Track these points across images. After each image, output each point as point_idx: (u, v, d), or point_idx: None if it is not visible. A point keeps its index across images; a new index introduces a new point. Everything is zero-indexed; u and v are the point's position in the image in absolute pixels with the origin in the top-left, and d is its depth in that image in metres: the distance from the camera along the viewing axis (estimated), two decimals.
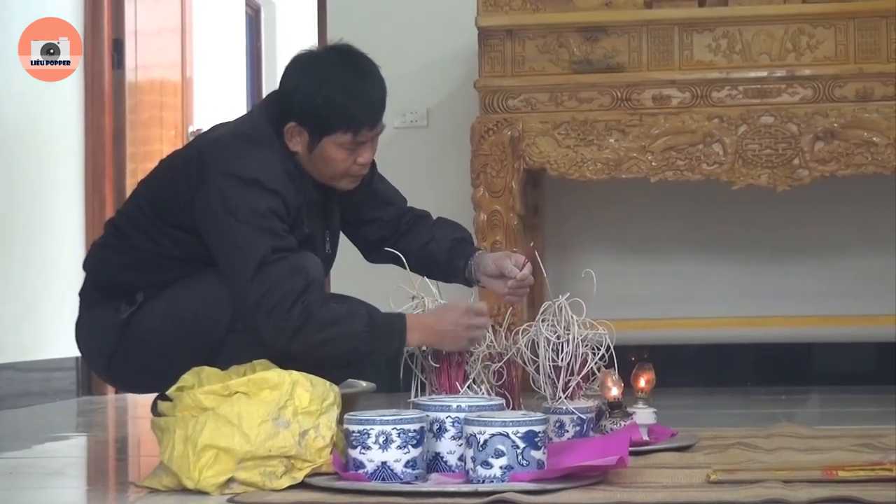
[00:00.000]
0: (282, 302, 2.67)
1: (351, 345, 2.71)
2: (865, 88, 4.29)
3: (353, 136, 2.80)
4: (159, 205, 2.86)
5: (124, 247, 2.91)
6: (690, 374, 4.90)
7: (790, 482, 2.33)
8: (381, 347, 2.72)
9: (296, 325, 2.67)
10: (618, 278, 4.96)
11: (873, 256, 4.96)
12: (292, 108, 2.80)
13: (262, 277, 2.68)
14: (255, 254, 2.69)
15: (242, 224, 2.70)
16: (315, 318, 2.68)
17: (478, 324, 2.77)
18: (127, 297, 2.89)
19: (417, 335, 2.72)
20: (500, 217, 4.33)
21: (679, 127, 4.33)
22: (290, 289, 2.68)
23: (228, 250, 2.73)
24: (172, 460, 2.45)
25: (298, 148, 2.82)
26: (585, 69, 4.38)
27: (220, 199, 2.71)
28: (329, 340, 2.69)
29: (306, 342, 2.68)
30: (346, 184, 2.91)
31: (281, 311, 2.67)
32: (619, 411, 2.92)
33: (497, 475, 2.35)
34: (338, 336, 2.69)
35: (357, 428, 2.41)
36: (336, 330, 2.69)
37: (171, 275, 2.87)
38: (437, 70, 5.15)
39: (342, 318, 2.70)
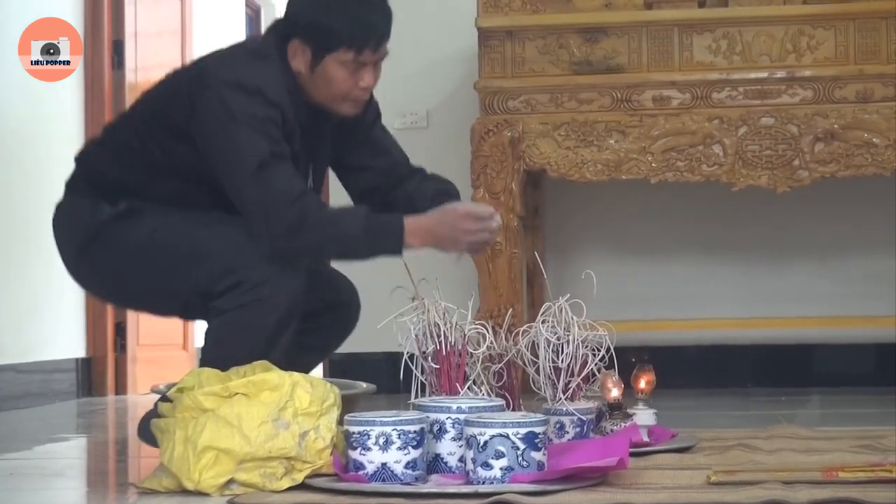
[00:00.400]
0: (280, 201, 2.70)
1: (348, 246, 2.77)
2: (866, 89, 4.29)
3: (355, 54, 2.83)
4: (158, 112, 2.87)
5: (117, 146, 2.91)
6: (691, 375, 4.90)
7: (790, 483, 2.33)
8: (378, 249, 2.78)
9: (293, 223, 2.70)
10: (618, 279, 4.96)
11: (873, 257, 4.96)
12: (296, 25, 2.83)
13: (262, 177, 2.71)
14: (255, 155, 2.72)
15: (242, 126, 2.72)
16: (312, 218, 2.72)
17: (476, 228, 2.80)
18: (110, 198, 2.87)
19: (416, 238, 2.78)
20: (500, 218, 4.32)
21: (679, 128, 4.33)
22: (289, 189, 2.72)
23: (228, 152, 2.75)
24: (172, 461, 2.45)
25: (301, 66, 2.83)
26: (585, 70, 4.38)
27: (221, 103, 2.73)
28: (326, 241, 2.75)
29: (303, 242, 2.73)
30: (346, 108, 2.91)
31: (279, 210, 2.70)
32: (619, 412, 2.92)
33: (497, 476, 2.35)
34: (335, 237, 2.75)
35: (357, 429, 2.41)
36: (333, 231, 2.74)
37: (156, 186, 2.86)
38: (437, 71, 5.15)
39: (339, 219, 2.76)
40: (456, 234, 2.80)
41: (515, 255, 4.35)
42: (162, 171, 2.86)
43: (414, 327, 2.78)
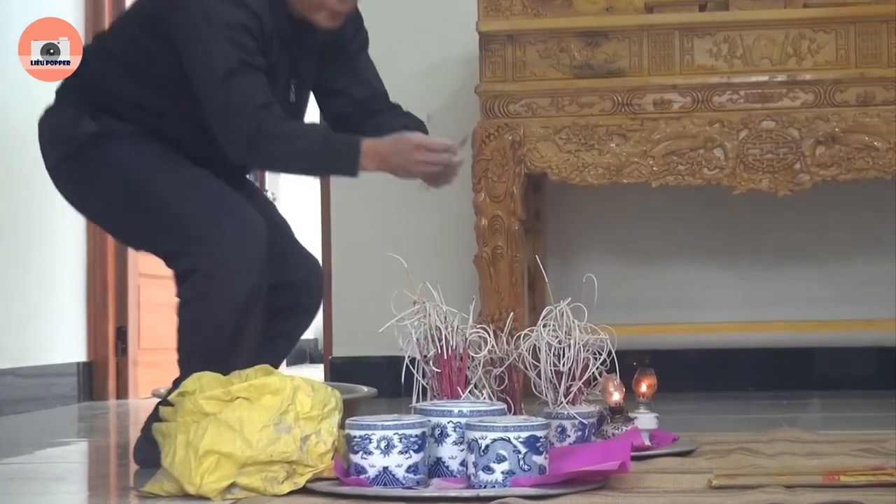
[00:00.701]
0: (242, 111, 2.73)
1: (303, 162, 2.82)
2: (866, 93, 4.29)
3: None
4: (148, 16, 2.88)
5: (108, 53, 2.91)
6: (692, 378, 4.90)
7: (792, 487, 2.33)
8: (333, 168, 2.85)
9: (251, 134, 2.72)
10: (619, 283, 4.96)
11: (874, 261, 4.96)
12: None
13: (228, 84, 2.73)
14: (223, 61, 2.74)
15: (215, 31, 2.74)
16: (269, 131, 2.73)
17: (427, 160, 2.84)
18: (93, 112, 2.88)
19: (371, 161, 2.80)
20: (502, 222, 4.33)
21: (680, 132, 4.33)
22: (252, 100, 2.74)
23: (199, 56, 2.77)
24: (174, 465, 2.45)
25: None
26: (586, 74, 4.38)
27: (199, 6, 2.76)
28: (282, 155, 2.78)
29: (259, 154, 2.75)
30: (323, 18, 2.91)
31: (239, 119, 2.73)
32: (620, 416, 2.92)
33: (499, 480, 2.35)
34: (291, 152, 2.77)
35: (358, 433, 2.41)
36: (290, 146, 2.77)
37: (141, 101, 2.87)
38: (438, 75, 5.16)
39: (297, 135, 2.78)
40: (408, 162, 2.83)
41: (517, 258, 4.35)
42: (148, 83, 2.87)
43: (415, 331, 2.78)
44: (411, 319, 2.81)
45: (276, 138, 2.75)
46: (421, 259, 4.66)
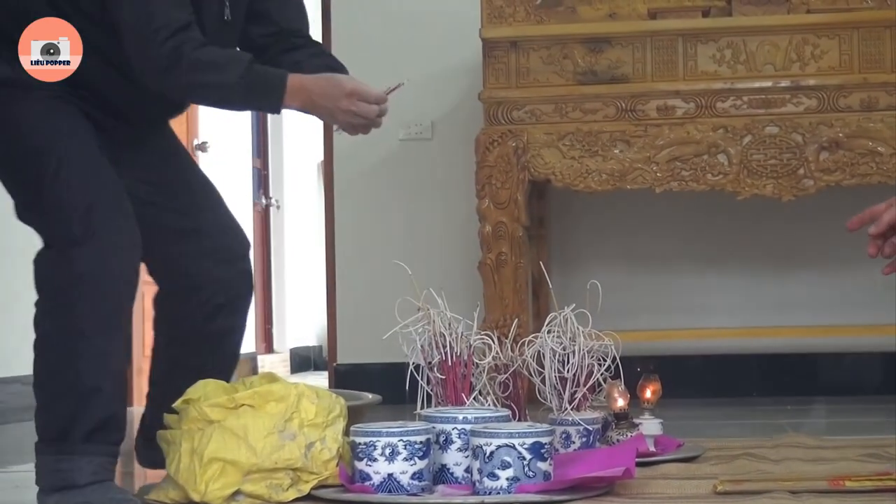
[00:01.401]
0: (157, 32, 2.43)
1: (222, 94, 2.51)
2: (870, 98, 4.29)
3: None
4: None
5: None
6: (696, 384, 4.90)
7: (797, 493, 2.33)
8: (255, 102, 2.59)
9: (165, 63, 2.43)
10: (623, 289, 4.96)
11: (878, 267, 4.94)
12: None
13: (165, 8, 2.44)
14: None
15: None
16: (188, 58, 2.44)
17: (356, 110, 2.60)
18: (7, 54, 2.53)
19: (295, 99, 2.53)
20: (506, 228, 4.33)
21: (684, 137, 4.33)
22: (170, 20, 2.44)
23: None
24: (179, 473, 2.45)
25: None
26: (590, 80, 4.39)
27: None
28: (199, 86, 2.48)
29: (175, 82, 2.46)
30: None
31: (154, 42, 2.43)
32: (625, 422, 2.92)
33: (503, 487, 2.35)
34: (209, 83, 2.48)
35: (363, 440, 2.41)
36: (209, 76, 2.47)
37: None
38: (442, 82, 5.16)
39: (218, 64, 2.49)
40: (335, 109, 2.57)
41: (521, 265, 4.35)
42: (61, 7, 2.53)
43: (420, 338, 2.78)
44: (415, 326, 2.81)
45: (194, 68, 2.44)
46: (425, 266, 4.68)
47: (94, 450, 2.44)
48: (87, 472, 2.41)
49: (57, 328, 2.47)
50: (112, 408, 2.48)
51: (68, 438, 2.43)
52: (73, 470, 2.41)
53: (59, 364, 2.46)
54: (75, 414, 2.43)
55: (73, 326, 2.45)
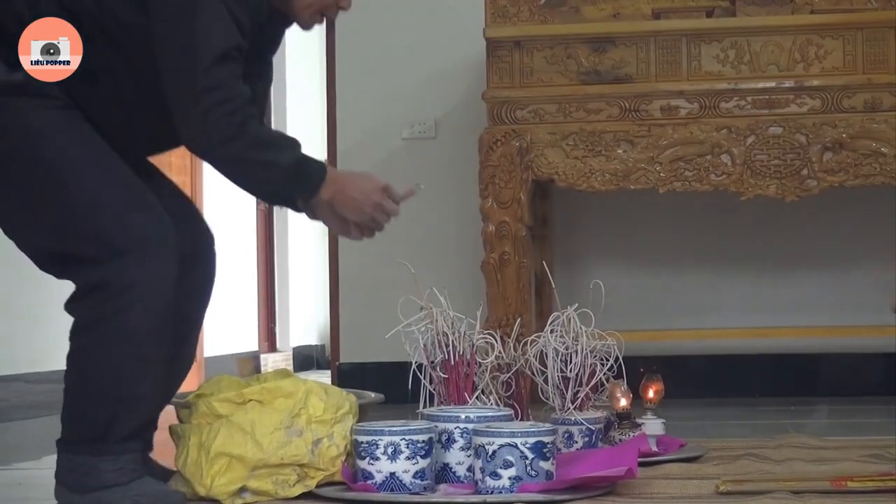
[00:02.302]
0: (227, 102, 2.41)
1: (274, 174, 2.48)
2: (874, 99, 4.29)
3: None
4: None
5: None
6: (699, 384, 4.90)
7: (799, 493, 2.33)
8: (295, 187, 2.53)
9: (231, 132, 2.41)
10: (626, 289, 4.96)
11: (882, 267, 4.96)
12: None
13: (219, 70, 2.41)
14: (220, 42, 2.42)
15: (221, 11, 2.42)
16: (251, 132, 2.44)
17: (387, 207, 2.61)
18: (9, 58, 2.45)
19: (329, 189, 2.53)
20: (509, 228, 4.33)
21: (687, 138, 4.33)
22: (239, 94, 2.43)
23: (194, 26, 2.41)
24: (186, 467, 2.46)
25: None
26: (593, 80, 4.38)
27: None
28: (255, 161, 2.46)
29: (233, 154, 2.43)
30: (314, 21, 2.71)
31: (223, 111, 2.40)
32: (627, 422, 2.92)
33: (506, 486, 2.35)
34: (265, 161, 2.46)
35: (366, 438, 2.41)
36: (266, 154, 2.46)
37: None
38: (446, 81, 5.16)
39: (275, 143, 2.50)
40: (365, 201, 2.56)
41: (524, 264, 4.35)
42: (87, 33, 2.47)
43: (422, 337, 2.78)
44: (418, 325, 2.81)
45: (253, 143, 2.44)
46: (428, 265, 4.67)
47: (131, 447, 2.45)
48: (129, 470, 2.42)
49: (105, 334, 2.41)
50: (152, 413, 2.50)
51: (107, 440, 2.42)
52: (116, 469, 2.41)
53: (105, 370, 2.41)
54: (117, 418, 2.42)
55: (122, 333, 2.41)
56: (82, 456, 2.42)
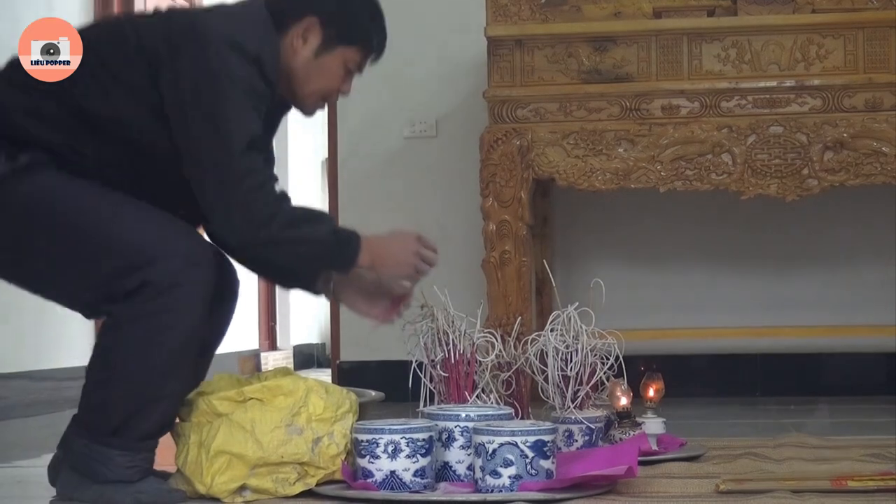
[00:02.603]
0: (264, 187, 2.46)
1: (314, 249, 2.53)
2: (875, 98, 4.29)
3: (362, 57, 2.69)
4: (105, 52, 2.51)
5: (33, 87, 2.50)
6: (699, 383, 4.90)
7: (799, 492, 2.33)
8: (337, 260, 2.58)
9: (271, 211, 2.46)
10: (627, 288, 4.96)
11: (883, 266, 4.96)
12: (321, 5, 2.63)
13: (250, 156, 2.46)
14: (247, 129, 2.47)
15: (241, 95, 2.46)
16: (288, 211, 2.50)
17: (426, 254, 2.65)
18: (9, 151, 2.46)
19: (367, 253, 2.59)
20: (509, 227, 4.33)
21: (688, 137, 4.33)
22: (271, 177, 2.50)
23: (221, 115, 2.45)
24: (186, 465, 2.46)
25: (304, 49, 2.63)
26: (594, 79, 4.38)
27: (222, 62, 2.45)
28: (296, 239, 2.50)
29: (274, 234, 2.46)
30: (316, 108, 2.75)
31: (261, 196, 2.45)
32: (628, 421, 2.92)
33: (506, 484, 2.35)
34: (305, 237, 2.51)
35: (366, 437, 2.41)
36: (305, 230, 2.51)
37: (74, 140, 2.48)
38: (446, 80, 5.16)
39: (312, 218, 2.55)
40: (406, 253, 2.63)
41: (524, 263, 4.35)
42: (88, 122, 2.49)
43: (423, 335, 2.78)
44: (419, 324, 2.81)
45: (292, 221, 2.50)
46: None
47: (148, 446, 2.49)
48: (141, 469, 2.46)
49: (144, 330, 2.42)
50: (172, 414, 2.51)
51: (127, 435, 2.45)
52: (130, 466, 2.44)
53: (138, 365, 2.43)
54: (142, 415, 2.45)
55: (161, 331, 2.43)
56: (101, 446, 2.44)
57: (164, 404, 2.47)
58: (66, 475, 2.49)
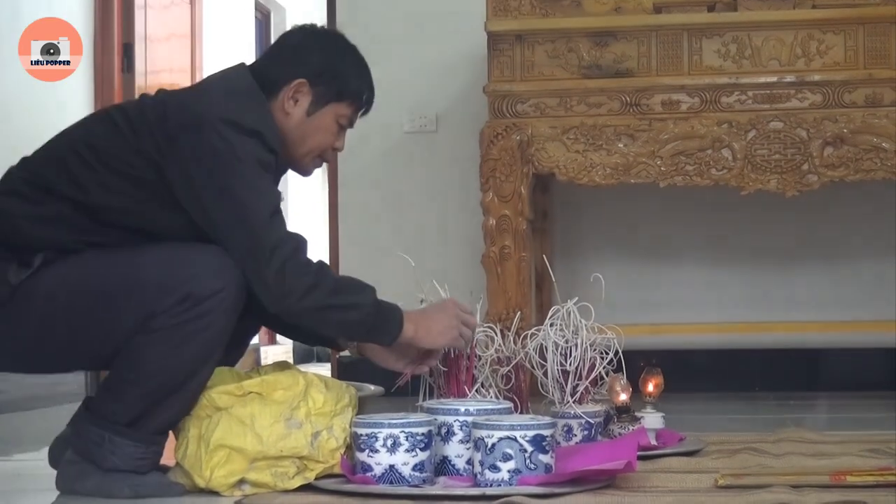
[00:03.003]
0: (297, 253, 2.48)
1: (357, 318, 2.54)
2: (875, 94, 4.29)
3: (353, 112, 2.72)
4: (103, 150, 2.52)
5: (40, 194, 2.52)
6: (699, 378, 4.90)
7: (798, 487, 2.33)
8: (380, 330, 2.59)
9: (313, 280, 2.47)
10: (626, 283, 4.96)
11: (882, 262, 4.96)
12: (308, 66, 2.66)
13: (275, 227, 2.48)
14: (266, 201, 2.49)
15: (252, 169, 2.49)
16: (329, 279, 2.51)
17: (467, 319, 2.68)
18: (22, 258, 2.49)
19: (410, 323, 2.61)
20: (509, 222, 4.33)
21: (688, 132, 4.32)
22: (302, 241, 2.51)
23: (238, 191, 2.46)
24: (185, 459, 2.46)
25: (295, 110, 2.66)
26: (595, 74, 4.38)
27: (224, 141, 2.46)
28: (338, 307, 2.51)
29: (318, 303, 2.48)
30: (312, 167, 2.78)
31: (297, 263, 2.47)
32: (627, 416, 2.92)
33: (505, 479, 2.35)
34: (347, 305, 2.52)
35: (365, 431, 2.41)
36: (348, 298, 2.53)
37: (87, 235, 2.52)
38: (447, 74, 5.16)
39: (353, 288, 2.57)
40: (448, 326, 2.64)
41: (524, 258, 4.35)
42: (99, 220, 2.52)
43: None
44: None
45: (335, 289, 2.51)
46: (428, 258, 4.68)
47: (160, 440, 2.52)
48: (151, 461, 2.49)
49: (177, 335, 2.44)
50: (189, 410, 2.51)
51: (141, 429, 2.47)
52: (140, 458, 2.47)
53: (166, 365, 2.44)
54: (161, 409, 2.47)
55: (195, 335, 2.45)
56: (115, 435, 2.46)
57: (183, 401, 2.48)
58: (70, 459, 2.50)
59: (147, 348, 2.44)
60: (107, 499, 2.44)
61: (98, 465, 2.46)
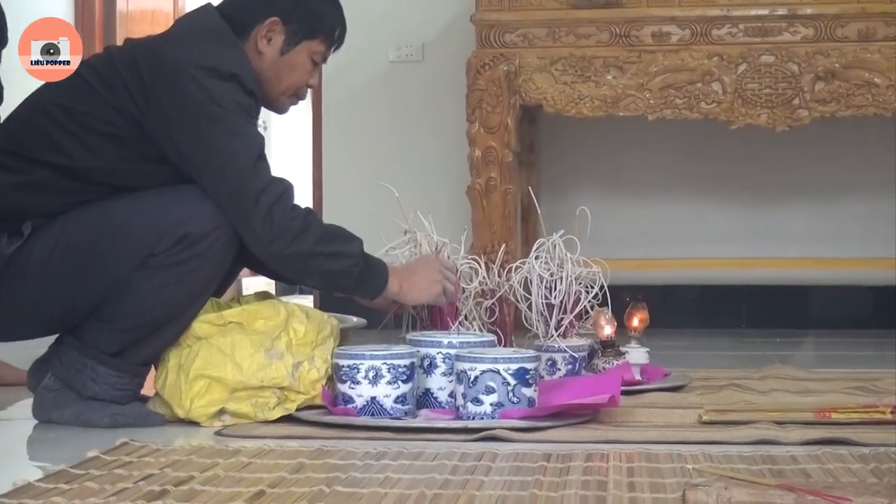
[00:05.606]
0: (283, 197, 2.45)
1: (344, 267, 2.52)
2: (868, 28, 4.24)
3: (326, 48, 2.70)
4: (81, 112, 2.50)
5: (22, 163, 2.50)
6: (684, 314, 4.89)
7: (782, 423, 2.32)
8: (366, 282, 2.57)
9: (299, 227, 2.45)
10: (613, 217, 4.93)
11: (872, 199, 4.93)
12: (279, 4, 2.64)
13: (260, 171, 2.46)
14: (253, 144, 2.48)
15: (233, 114, 2.47)
16: (317, 226, 2.51)
17: (448, 274, 2.66)
18: (10, 228, 2.48)
19: (395, 278, 2.59)
20: (495, 153, 4.29)
21: (678, 65, 4.28)
22: (288, 186, 2.49)
23: (220, 138, 2.44)
24: (165, 389, 2.45)
25: (269, 49, 2.63)
26: (584, 4, 4.32)
27: (202, 89, 2.44)
28: (326, 255, 2.48)
29: (304, 248, 2.46)
30: (287, 105, 2.75)
31: (286, 207, 2.45)
32: (611, 350, 2.91)
33: (487, 412, 2.33)
34: (335, 253, 2.50)
35: (347, 362, 2.39)
36: (335, 246, 2.50)
37: (74, 199, 2.49)
38: (433, 3, 5.10)
39: (342, 237, 2.55)
40: (432, 278, 2.63)
41: (510, 190, 4.31)
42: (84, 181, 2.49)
43: (406, 261, 2.75)
44: (402, 249, 2.79)
45: (322, 237, 2.49)
46: (413, 189, 4.63)
47: (143, 372, 2.52)
48: (132, 392, 2.50)
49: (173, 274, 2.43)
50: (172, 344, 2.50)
51: (126, 359, 2.47)
52: (122, 389, 2.47)
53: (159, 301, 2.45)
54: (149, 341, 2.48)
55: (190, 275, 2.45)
56: (98, 364, 2.45)
57: (173, 335, 2.48)
58: (48, 385, 2.49)
59: (145, 283, 2.43)
60: (84, 427, 2.42)
61: (78, 392, 2.45)
